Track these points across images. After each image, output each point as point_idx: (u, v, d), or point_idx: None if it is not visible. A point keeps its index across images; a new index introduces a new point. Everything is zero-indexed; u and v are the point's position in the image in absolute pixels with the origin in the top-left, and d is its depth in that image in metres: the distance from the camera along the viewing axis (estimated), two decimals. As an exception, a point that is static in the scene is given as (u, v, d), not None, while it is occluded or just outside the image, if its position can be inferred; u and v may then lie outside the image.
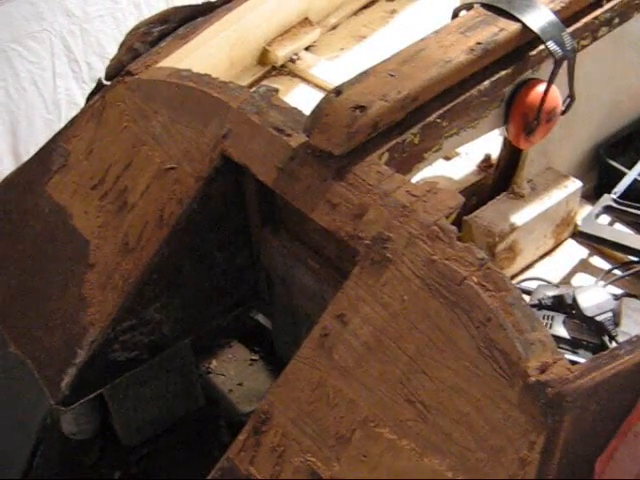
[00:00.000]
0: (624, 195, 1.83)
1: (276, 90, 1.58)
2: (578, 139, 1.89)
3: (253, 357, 2.51)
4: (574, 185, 1.81)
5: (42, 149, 1.83)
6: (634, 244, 1.69)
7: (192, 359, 2.18)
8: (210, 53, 2.01)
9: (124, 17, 3.01)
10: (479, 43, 1.48)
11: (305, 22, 2.38)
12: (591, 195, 1.91)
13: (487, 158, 1.85)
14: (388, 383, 1.24)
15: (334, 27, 2.49)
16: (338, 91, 1.42)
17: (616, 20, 1.66)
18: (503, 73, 1.52)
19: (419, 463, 1.18)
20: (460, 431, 1.16)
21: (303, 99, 2.04)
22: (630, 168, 1.90)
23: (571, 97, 1.62)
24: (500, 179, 1.81)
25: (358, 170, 1.38)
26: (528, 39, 1.53)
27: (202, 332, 1.80)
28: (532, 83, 1.59)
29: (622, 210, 1.80)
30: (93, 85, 3.10)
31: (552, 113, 1.61)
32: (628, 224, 1.80)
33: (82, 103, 3.06)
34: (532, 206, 1.77)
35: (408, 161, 1.47)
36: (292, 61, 2.27)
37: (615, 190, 1.82)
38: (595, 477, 1.09)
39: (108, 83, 1.80)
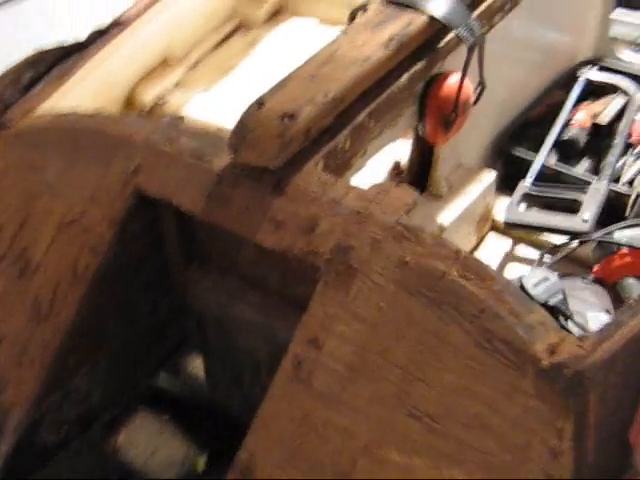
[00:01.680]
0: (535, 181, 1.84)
1: (181, 118, 1.45)
2: (481, 132, 1.88)
3: (162, 420, 2.33)
4: (489, 177, 1.79)
5: None
6: (563, 223, 1.68)
7: (102, 435, 1.98)
8: (79, 99, 1.85)
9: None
10: (391, 39, 1.42)
11: (165, 62, 2.27)
12: (498, 187, 1.90)
13: (397, 164, 1.80)
14: (384, 402, 1.12)
15: (196, 64, 2.39)
16: (260, 102, 1.31)
17: (507, 6, 1.66)
18: (419, 66, 1.47)
19: (437, 478, 1.07)
20: (475, 435, 1.06)
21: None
22: (530, 155, 1.92)
23: (482, 84, 1.60)
24: (414, 182, 1.76)
25: (298, 181, 1.27)
26: (437, 29, 1.49)
27: (131, 396, 1.62)
28: (442, 75, 1.55)
29: (538, 195, 1.80)
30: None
31: (467, 103, 1.57)
32: (546, 207, 1.79)
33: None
34: (454, 204, 1.73)
35: (340, 168, 1.38)
36: (161, 103, 2.14)
37: (528, 177, 1.82)
38: (633, 449, 1.03)
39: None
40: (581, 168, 1.93)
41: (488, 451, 1.05)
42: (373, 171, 1.81)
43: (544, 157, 1.85)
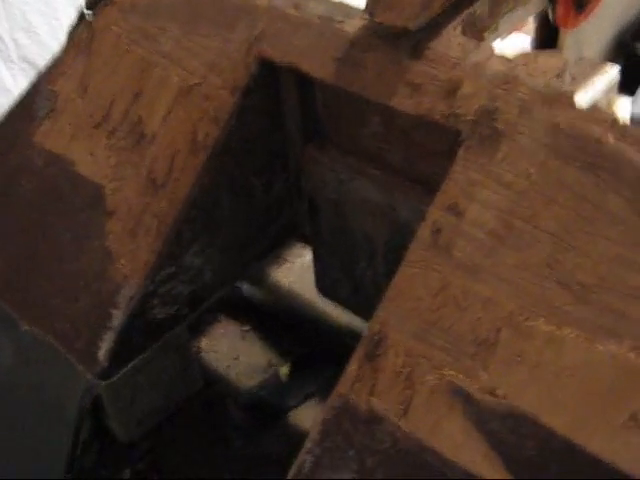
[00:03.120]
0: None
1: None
2: (603, 27, 1.77)
3: (244, 329, 2.31)
4: (613, 71, 1.69)
5: (22, 98, 1.56)
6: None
7: (187, 337, 1.97)
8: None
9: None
10: None
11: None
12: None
13: None
14: (531, 269, 1.06)
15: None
16: (396, -37, 1.23)
17: None
18: None
19: (591, 351, 1.01)
20: (636, 305, 1.00)
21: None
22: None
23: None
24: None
25: (436, 45, 1.20)
26: None
27: (241, 278, 1.58)
28: (577, -49, 1.46)
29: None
30: (23, 65, 2.79)
31: (603, -18, 1.48)
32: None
33: (12, 87, 2.75)
34: (578, 96, 1.64)
35: (477, 37, 1.30)
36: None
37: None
38: None
39: (89, 13, 1.55)
40: None
41: (649, 322, 0.99)
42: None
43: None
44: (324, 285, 1.63)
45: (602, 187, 1.04)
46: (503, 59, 1.16)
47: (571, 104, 1.10)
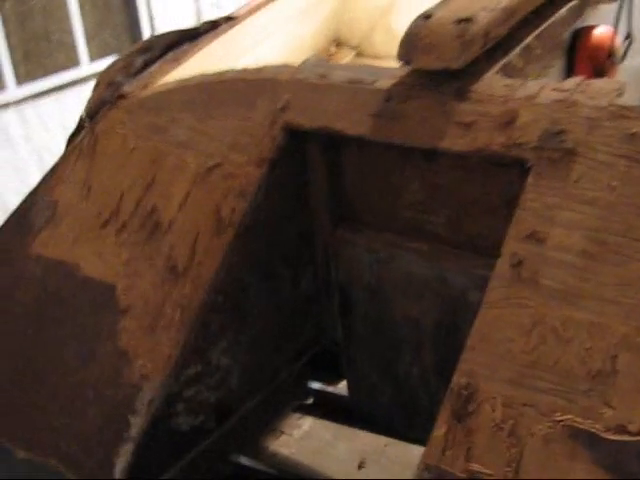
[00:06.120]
0: None
1: (326, 59, 1.33)
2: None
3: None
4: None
5: (16, 210, 1.43)
6: None
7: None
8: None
9: (25, 166, 2.66)
10: None
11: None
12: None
13: None
14: (638, 284, 0.92)
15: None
16: (427, 15, 1.19)
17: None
18: (575, 2, 1.38)
19: None
20: None
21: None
22: None
23: (630, 37, 1.49)
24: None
25: (480, 87, 1.13)
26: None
27: (269, 390, 1.38)
28: (590, 27, 1.46)
29: None
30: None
31: (616, 54, 1.47)
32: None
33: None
34: None
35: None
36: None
37: None
38: None
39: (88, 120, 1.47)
40: None
41: None
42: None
43: None
44: (358, 397, 1.43)
45: (699, 187, 0.94)
46: (556, 88, 1.10)
47: (641, 117, 1.02)
